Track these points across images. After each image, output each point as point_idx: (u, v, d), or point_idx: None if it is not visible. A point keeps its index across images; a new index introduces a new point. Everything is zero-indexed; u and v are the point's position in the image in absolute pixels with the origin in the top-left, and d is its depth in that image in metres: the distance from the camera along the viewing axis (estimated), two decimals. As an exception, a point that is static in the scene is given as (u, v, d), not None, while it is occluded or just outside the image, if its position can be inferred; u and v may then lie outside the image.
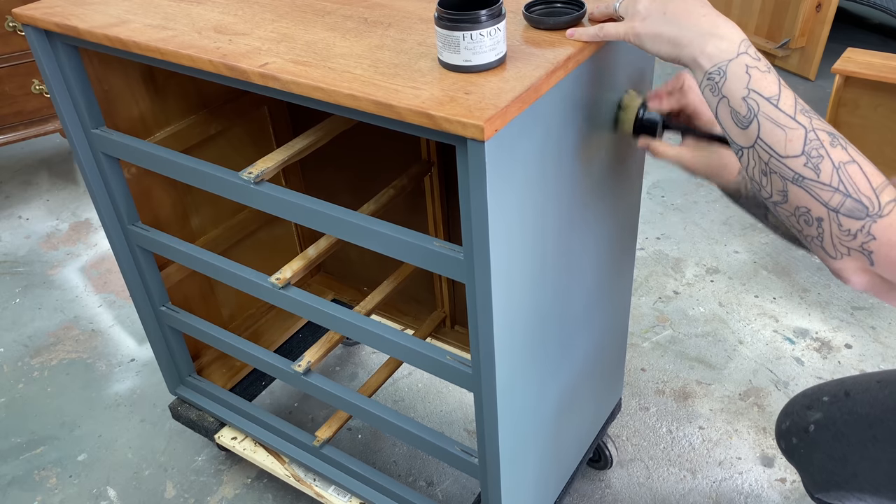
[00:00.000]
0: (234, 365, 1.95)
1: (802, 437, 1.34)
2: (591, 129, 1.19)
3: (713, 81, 0.94)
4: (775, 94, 0.91)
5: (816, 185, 0.89)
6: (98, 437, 2.11)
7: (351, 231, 1.19)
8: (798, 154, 0.89)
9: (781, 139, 0.90)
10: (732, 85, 0.93)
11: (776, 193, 0.93)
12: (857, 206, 0.88)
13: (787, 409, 1.41)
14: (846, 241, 0.90)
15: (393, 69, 1.05)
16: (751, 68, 0.92)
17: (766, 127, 0.91)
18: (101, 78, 1.48)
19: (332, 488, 1.69)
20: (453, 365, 1.23)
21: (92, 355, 2.38)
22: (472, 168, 0.96)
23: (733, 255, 2.64)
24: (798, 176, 0.90)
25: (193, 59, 1.15)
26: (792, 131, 0.90)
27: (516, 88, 0.97)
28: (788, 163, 0.90)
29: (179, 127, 1.65)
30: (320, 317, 1.37)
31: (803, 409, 1.36)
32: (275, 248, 2.05)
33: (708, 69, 0.94)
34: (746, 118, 0.92)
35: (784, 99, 0.91)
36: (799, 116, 0.90)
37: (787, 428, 1.39)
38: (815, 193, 0.90)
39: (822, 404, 1.33)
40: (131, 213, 1.57)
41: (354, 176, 1.93)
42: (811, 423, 1.33)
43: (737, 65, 0.92)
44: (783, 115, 0.90)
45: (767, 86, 0.91)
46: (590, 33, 1.07)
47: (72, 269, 2.77)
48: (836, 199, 0.89)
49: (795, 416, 1.37)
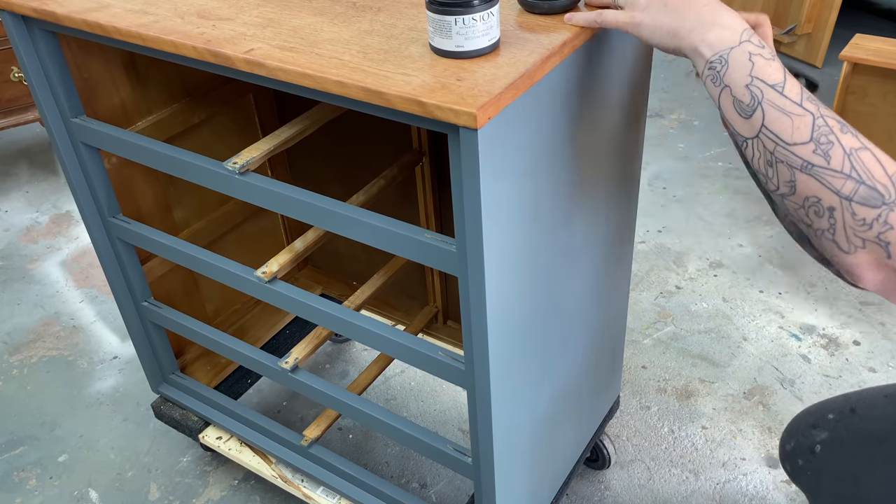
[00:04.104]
0: (218, 362, 1.95)
1: (809, 459, 1.32)
2: (587, 117, 1.20)
3: (715, 70, 0.94)
4: (780, 81, 0.90)
5: (827, 172, 0.88)
6: (79, 437, 2.11)
7: (340, 223, 1.19)
8: (806, 141, 0.88)
9: (788, 126, 0.89)
10: (735, 73, 0.92)
11: (783, 185, 0.92)
12: (873, 193, 0.86)
13: (791, 428, 1.39)
14: (861, 231, 0.88)
15: (382, 55, 1.05)
16: (754, 55, 0.92)
17: (771, 114, 0.90)
18: (81, 65, 1.48)
19: (320, 489, 1.69)
20: (446, 361, 1.23)
21: (73, 352, 2.38)
22: (464, 157, 0.96)
23: (737, 248, 2.65)
24: (807, 164, 0.88)
25: (176, 46, 1.15)
26: (799, 118, 0.89)
27: (510, 75, 0.97)
28: (796, 150, 0.89)
29: (162, 115, 1.65)
30: (308, 312, 1.37)
31: (808, 428, 1.34)
32: (261, 241, 2.05)
33: (709, 58, 0.94)
34: (750, 106, 0.91)
35: (789, 86, 0.90)
36: (806, 103, 0.89)
37: (792, 449, 1.36)
38: (825, 181, 0.88)
39: (827, 422, 1.31)
40: (112, 205, 1.57)
41: (343, 166, 1.93)
42: (817, 442, 1.30)
43: (739, 52, 0.92)
44: (789, 101, 0.90)
45: (772, 73, 0.91)
46: (588, 18, 1.06)
47: (52, 263, 2.77)
48: (849, 187, 0.87)
49: (800, 437, 1.35)
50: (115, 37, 1.22)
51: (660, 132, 3.38)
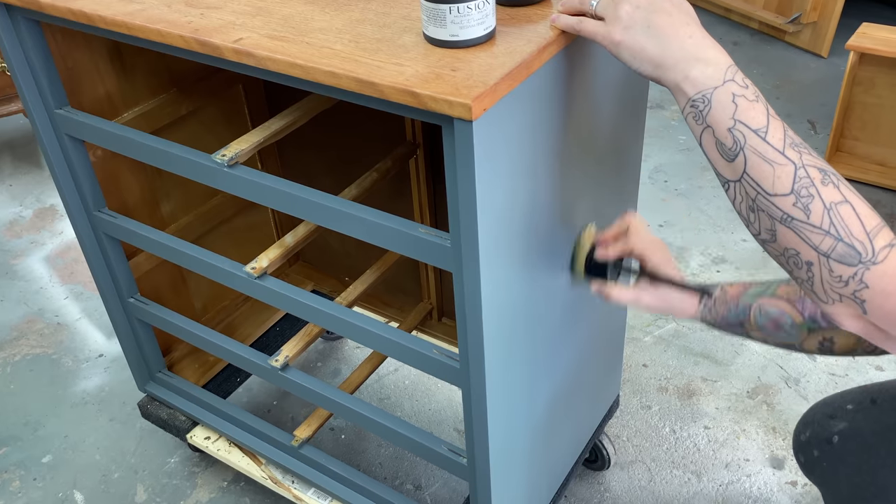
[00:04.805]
0: (207, 360, 1.96)
1: (825, 449, 1.32)
2: (585, 108, 1.20)
3: (697, 109, 0.94)
4: (763, 125, 0.91)
5: (806, 226, 0.89)
6: (64, 438, 2.12)
7: (331, 217, 1.20)
8: (787, 192, 0.89)
9: (769, 175, 0.90)
10: (718, 114, 0.92)
11: (764, 231, 0.94)
12: (850, 251, 0.87)
13: (806, 418, 1.39)
14: (837, 287, 0.90)
15: (375, 44, 1.05)
16: (738, 97, 0.92)
17: (752, 161, 0.91)
18: (65, 54, 1.48)
19: (311, 491, 1.69)
20: (440, 359, 1.24)
21: (57, 350, 2.38)
22: (459, 149, 0.97)
23: (741, 243, 2.66)
24: (787, 216, 0.90)
25: (163, 35, 1.15)
26: (780, 167, 0.89)
27: (506, 65, 0.97)
28: (777, 201, 0.90)
29: (148, 107, 1.65)
30: (299, 308, 1.37)
31: (825, 418, 1.34)
32: (250, 236, 2.05)
33: (692, 96, 0.94)
34: (733, 151, 0.92)
35: (772, 131, 0.90)
36: (788, 151, 0.90)
37: (808, 439, 1.36)
38: (804, 236, 0.89)
39: (846, 413, 1.31)
40: (97, 199, 1.57)
41: (335, 158, 1.93)
42: (835, 433, 1.30)
43: (723, 93, 0.92)
44: (771, 149, 0.90)
45: (755, 116, 0.91)
46: (569, 24, 1.04)
47: (36, 259, 2.77)
48: (827, 243, 0.88)
49: (816, 426, 1.35)
50: (101, 25, 1.22)
51: (660, 124, 3.38)
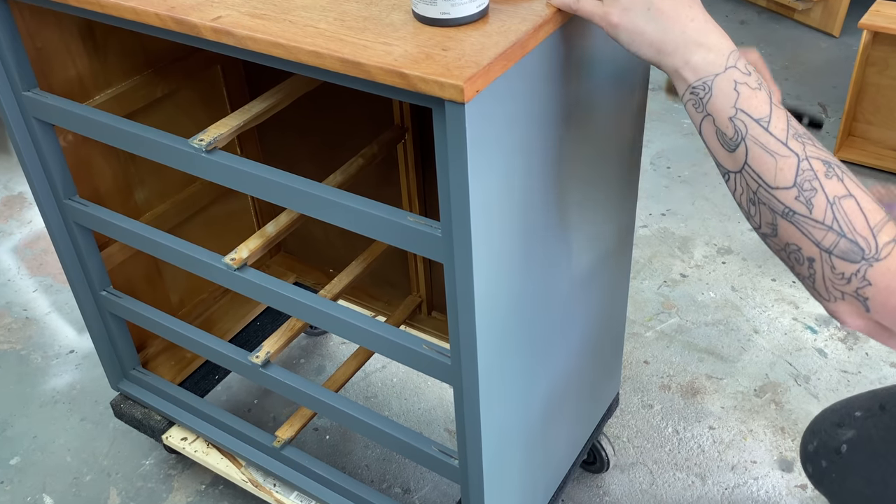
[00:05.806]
0: (184, 357, 1.95)
1: (833, 460, 1.32)
2: (583, 90, 1.20)
3: (697, 97, 0.94)
4: (766, 115, 0.91)
5: (808, 221, 0.90)
6: (33, 439, 2.11)
7: (315, 205, 1.19)
8: (789, 185, 0.90)
9: (771, 167, 0.90)
10: (719, 102, 0.92)
11: (765, 225, 0.94)
12: (853, 247, 0.88)
13: (813, 427, 1.39)
14: (839, 284, 0.91)
15: (362, 23, 1.05)
16: (740, 84, 0.92)
17: (754, 152, 0.91)
18: (34, 34, 1.47)
19: (294, 494, 1.69)
20: (430, 355, 1.23)
21: (26, 346, 2.38)
22: (450, 133, 0.96)
23: (747, 233, 2.66)
24: (788, 210, 0.90)
25: (137, 13, 1.15)
26: (783, 159, 0.90)
27: (500, 44, 0.97)
28: (778, 194, 0.91)
29: (122, 89, 1.64)
30: (281, 302, 1.37)
31: (833, 426, 1.34)
32: (229, 225, 2.05)
33: (692, 82, 0.94)
34: (734, 141, 0.92)
35: (775, 121, 0.91)
36: (791, 142, 0.90)
37: (815, 449, 1.36)
38: (806, 231, 0.90)
39: (854, 420, 1.32)
40: (68, 186, 1.57)
41: (319, 143, 1.93)
42: (843, 442, 1.31)
43: (724, 80, 0.92)
44: (774, 139, 0.90)
45: (758, 105, 0.91)
46: (566, 2, 1.04)
47: (3, 249, 2.76)
48: (830, 239, 0.89)
49: (824, 436, 1.35)
50: (72, 3, 1.21)
51: (663, 106, 3.38)
